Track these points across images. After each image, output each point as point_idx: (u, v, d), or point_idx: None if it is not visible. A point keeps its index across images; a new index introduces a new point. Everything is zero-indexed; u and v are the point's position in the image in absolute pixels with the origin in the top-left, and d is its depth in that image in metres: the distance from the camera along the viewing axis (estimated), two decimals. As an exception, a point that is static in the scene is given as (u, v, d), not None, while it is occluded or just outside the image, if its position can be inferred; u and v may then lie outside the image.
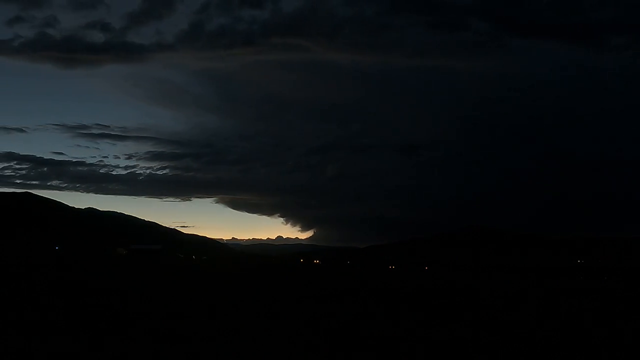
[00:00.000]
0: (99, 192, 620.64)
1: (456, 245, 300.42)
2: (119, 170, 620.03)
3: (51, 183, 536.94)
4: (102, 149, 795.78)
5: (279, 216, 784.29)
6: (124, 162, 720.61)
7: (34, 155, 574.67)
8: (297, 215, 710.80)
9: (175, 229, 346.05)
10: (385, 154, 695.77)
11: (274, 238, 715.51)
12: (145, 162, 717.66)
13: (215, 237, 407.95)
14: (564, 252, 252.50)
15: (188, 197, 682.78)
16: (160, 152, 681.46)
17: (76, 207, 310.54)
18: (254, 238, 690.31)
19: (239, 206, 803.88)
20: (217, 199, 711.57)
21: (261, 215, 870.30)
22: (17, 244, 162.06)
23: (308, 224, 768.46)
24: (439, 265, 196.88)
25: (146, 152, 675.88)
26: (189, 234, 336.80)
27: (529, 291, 54.34)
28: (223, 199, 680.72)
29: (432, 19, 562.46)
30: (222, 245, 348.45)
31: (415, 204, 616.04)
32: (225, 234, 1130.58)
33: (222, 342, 15.79)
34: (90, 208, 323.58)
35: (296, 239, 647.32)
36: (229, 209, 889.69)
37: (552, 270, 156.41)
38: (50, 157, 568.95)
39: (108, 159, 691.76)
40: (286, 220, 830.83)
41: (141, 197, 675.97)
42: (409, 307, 30.05)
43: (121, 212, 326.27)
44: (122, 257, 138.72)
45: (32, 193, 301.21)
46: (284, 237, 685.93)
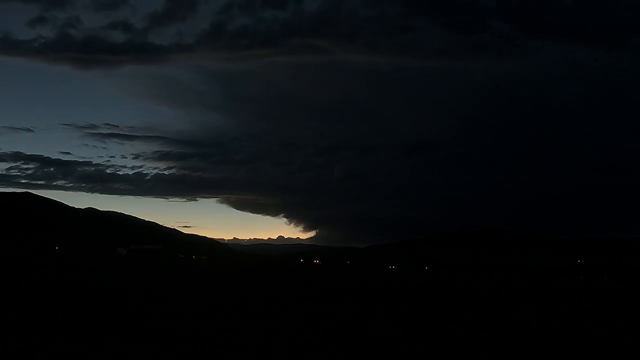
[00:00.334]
0: (104, 192, 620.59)
1: (456, 245, 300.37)
2: (125, 170, 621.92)
3: (57, 183, 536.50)
4: (110, 148, 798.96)
5: (283, 216, 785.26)
6: (130, 162, 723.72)
7: (41, 155, 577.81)
8: (301, 216, 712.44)
9: (175, 228, 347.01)
10: (392, 154, 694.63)
11: (275, 238, 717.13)
12: (153, 162, 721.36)
13: (216, 237, 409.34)
14: (564, 252, 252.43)
15: (194, 197, 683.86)
16: (168, 151, 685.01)
17: (76, 207, 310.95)
18: (255, 238, 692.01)
19: (243, 206, 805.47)
20: (221, 199, 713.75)
21: (265, 215, 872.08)
22: (17, 244, 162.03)
23: (311, 224, 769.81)
24: (439, 265, 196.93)
25: (154, 151, 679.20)
26: (189, 234, 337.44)
27: (529, 291, 54.32)
28: (228, 199, 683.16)
29: (451, 20, 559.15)
30: (222, 245, 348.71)
31: (416, 203, 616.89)
32: (227, 234, 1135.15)
33: (221, 342, 15.79)
34: (90, 208, 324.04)
35: (297, 239, 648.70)
36: (232, 209, 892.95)
37: (552, 270, 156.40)
38: (57, 157, 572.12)
39: (115, 159, 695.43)
40: (289, 220, 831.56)
41: (147, 197, 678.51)
42: (409, 307, 30.03)
43: (126, 212, 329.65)
44: (122, 257, 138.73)
45: (32, 193, 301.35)
46: (285, 237, 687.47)
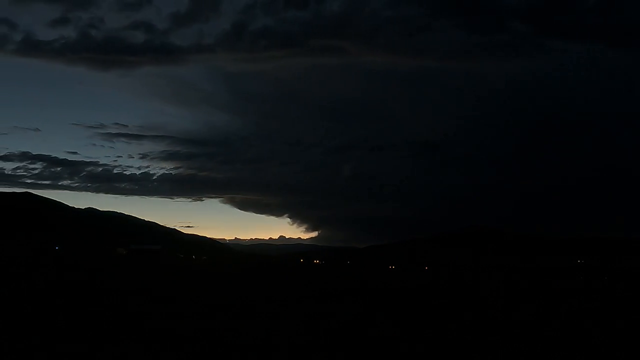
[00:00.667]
0: (110, 192, 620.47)
1: (456, 245, 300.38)
2: (132, 170, 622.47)
3: (62, 183, 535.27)
4: (118, 148, 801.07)
5: (287, 217, 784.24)
6: (137, 161, 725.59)
7: (49, 155, 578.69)
8: (305, 216, 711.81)
9: (176, 228, 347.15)
10: (399, 155, 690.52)
11: (276, 238, 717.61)
12: (160, 162, 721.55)
13: (218, 237, 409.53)
14: (564, 252, 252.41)
15: (200, 197, 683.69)
16: (176, 151, 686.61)
17: (76, 207, 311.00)
18: (255, 238, 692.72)
19: (247, 206, 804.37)
20: (224, 200, 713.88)
21: (269, 215, 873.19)
22: (17, 244, 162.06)
23: (315, 224, 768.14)
24: (439, 265, 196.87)
25: (161, 151, 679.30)
26: (189, 234, 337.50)
27: (529, 291, 54.32)
28: (233, 199, 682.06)
29: (470, 21, 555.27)
30: (222, 245, 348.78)
31: (416, 203, 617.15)
32: (229, 234, 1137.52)
33: (221, 342, 15.80)
34: (90, 208, 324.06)
35: (298, 239, 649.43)
36: (235, 209, 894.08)
37: (552, 270, 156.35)
38: (64, 157, 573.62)
39: (122, 159, 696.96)
40: (293, 220, 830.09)
41: (152, 197, 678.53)
42: (408, 307, 30.03)
43: (130, 212, 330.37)
44: (122, 257, 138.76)
45: (32, 193, 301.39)
46: (286, 237, 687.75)
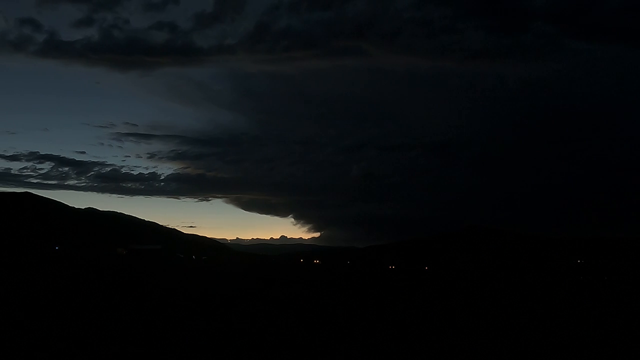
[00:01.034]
0: (116, 192, 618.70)
1: (456, 245, 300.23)
2: (139, 170, 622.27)
3: (69, 182, 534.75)
4: (126, 148, 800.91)
5: (292, 217, 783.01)
6: (145, 161, 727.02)
7: (58, 155, 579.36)
8: (310, 216, 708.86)
9: (176, 228, 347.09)
10: (408, 154, 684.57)
11: (278, 238, 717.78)
12: (168, 162, 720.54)
13: (219, 237, 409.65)
14: (564, 252, 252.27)
15: (207, 197, 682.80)
16: (184, 151, 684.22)
17: (76, 207, 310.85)
18: (256, 238, 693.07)
19: (252, 206, 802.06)
20: (228, 200, 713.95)
21: (273, 215, 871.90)
22: (16, 244, 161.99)
23: (320, 224, 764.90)
24: (439, 265, 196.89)
25: (170, 150, 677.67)
26: (189, 234, 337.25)
27: (529, 291, 54.33)
28: (238, 199, 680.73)
29: (494, 22, 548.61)
30: (222, 245, 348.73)
31: (416, 203, 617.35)
32: (232, 234, 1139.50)
33: (220, 342, 15.81)
34: (90, 208, 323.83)
35: (299, 239, 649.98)
36: (239, 209, 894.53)
37: (552, 270, 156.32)
38: (72, 157, 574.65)
39: (130, 159, 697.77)
40: (298, 220, 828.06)
41: (159, 197, 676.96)
42: (408, 307, 30.03)
43: (135, 212, 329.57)
44: (122, 257, 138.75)
45: (32, 193, 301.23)
46: (288, 237, 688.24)
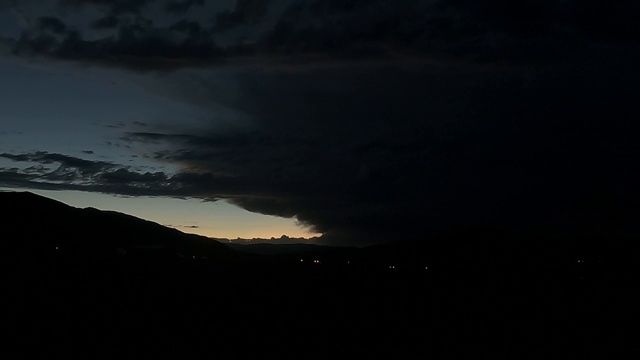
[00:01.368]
0: (122, 192, 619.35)
1: (456, 245, 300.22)
2: (146, 170, 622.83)
3: (74, 182, 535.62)
4: (134, 147, 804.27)
5: (296, 217, 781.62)
6: (152, 161, 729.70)
7: (65, 154, 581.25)
8: (314, 216, 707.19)
9: (176, 228, 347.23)
10: (421, 154, 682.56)
11: (279, 238, 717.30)
12: (176, 162, 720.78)
13: (220, 237, 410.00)
14: (564, 252, 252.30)
15: (213, 197, 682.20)
16: (192, 151, 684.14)
17: (76, 207, 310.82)
18: (257, 238, 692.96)
19: (256, 206, 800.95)
20: (231, 200, 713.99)
21: (277, 216, 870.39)
22: (16, 244, 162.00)
23: (324, 225, 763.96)
24: (439, 265, 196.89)
25: (177, 150, 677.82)
26: (189, 234, 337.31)
27: (529, 291, 54.33)
28: (243, 199, 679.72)
29: (514, 23, 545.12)
30: (222, 245, 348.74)
31: (416, 203, 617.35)
32: (233, 234, 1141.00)
33: (219, 341, 15.81)
34: (90, 208, 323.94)
35: (300, 239, 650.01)
36: (243, 209, 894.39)
37: (552, 270, 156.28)
38: (80, 157, 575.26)
39: (137, 158, 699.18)
40: (301, 221, 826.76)
41: (164, 197, 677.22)
42: (408, 307, 30.04)
43: (138, 213, 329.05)
44: (122, 257, 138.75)
45: (32, 193, 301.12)
46: (289, 237, 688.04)
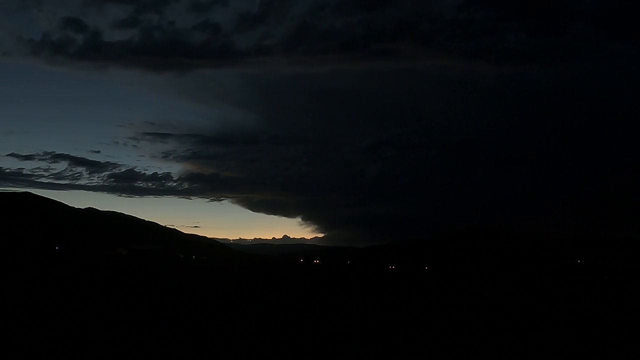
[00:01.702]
0: (127, 192, 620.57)
1: (456, 245, 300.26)
2: (153, 169, 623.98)
3: (80, 182, 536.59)
4: (142, 147, 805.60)
5: (300, 217, 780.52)
6: (159, 161, 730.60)
7: (73, 155, 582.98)
8: (319, 216, 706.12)
9: (176, 228, 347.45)
10: (428, 154, 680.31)
11: (280, 237, 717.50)
12: (183, 161, 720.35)
13: (221, 237, 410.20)
14: (564, 252, 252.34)
15: (219, 197, 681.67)
16: (200, 150, 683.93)
17: (76, 207, 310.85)
18: (258, 238, 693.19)
19: (260, 207, 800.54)
20: (236, 200, 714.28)
21: (281, 216, 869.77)
22: (16, 244, 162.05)
23: (327, 225, 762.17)
24: (439, 265, 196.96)
25: (186, 150, 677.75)
26: (189, 234, 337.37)
27: (529, 291, 54.34)
28: (248, 199, 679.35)
29: (534, 24, 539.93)
30: (222, 245, 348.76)
31: (416, 203, 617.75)
32: (235, 234, 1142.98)
33: (219, 342, 15.82)
34: (90, 208, 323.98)
35: (301, 239, 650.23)
36: (247, 209, 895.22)
37: (552, 270, 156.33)
38: (86, 157, 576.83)
39: (144, 158, 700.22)
40: (305, 221, 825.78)
41: (170, 197, 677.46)
42: (408, 307, 30.03)
43: (140, 213, 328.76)
44: (122, 257, 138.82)
45: (32, 193, 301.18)
46: (290, 237, 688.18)
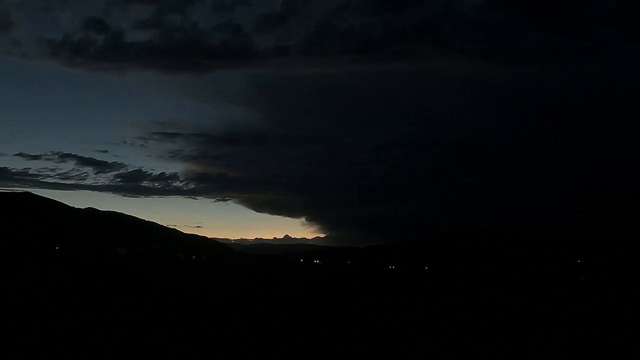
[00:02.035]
0: (132, 192, 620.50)
1: (456, 245, 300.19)
2: (160, 169, 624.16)
3: (86, 182, 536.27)
4: (149, 147, 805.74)
5: (304, 217, 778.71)
6: (166, 161, 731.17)
7: (79, 154, 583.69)
8: (323, 216, 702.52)
9: (176, 228, 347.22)
10: (432, 155, 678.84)
11: (282, 237, 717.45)
12: (190, 161, 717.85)
13: (222, 237, 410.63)
14: (564, 252, 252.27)
15: (224, 197, 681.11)
16: (207, 150, 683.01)
17: (76, 207, 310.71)
18: (259, 238, 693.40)
19: (264, 207, 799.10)
20: (240, 200, 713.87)
21: (285, 216, 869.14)
22: (16, 244, 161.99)
23: (330, 225, 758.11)
24: (439, 265, 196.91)
25: (193, 149, 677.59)
26: (189, 234, 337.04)
27: (529, 291, 54.35)
28: (253, 199, 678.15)
29: (552, 24, 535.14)
30: (222, 245, 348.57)
31: (416, 203, 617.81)
32: (237, 234, 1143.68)
33: (219, 341, 15.83)
34: (90, 208, 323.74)
35: (302, 239, 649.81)
36: (250, 210, 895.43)
37: (552, 270, 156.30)
38: (94, 157, 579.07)
39: (151, 158, 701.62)
40: (309, 221, 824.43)
41: (175, 196, 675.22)
42: (408, 307, 30.04)
43: (142, 213, 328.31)
44: (122, 257, 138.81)
45: (32, 193, 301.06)
46: (291, 237, 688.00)
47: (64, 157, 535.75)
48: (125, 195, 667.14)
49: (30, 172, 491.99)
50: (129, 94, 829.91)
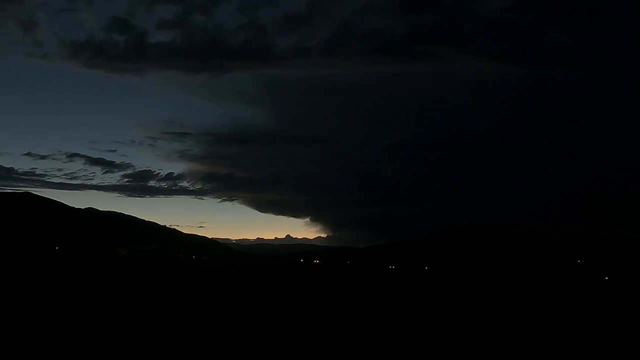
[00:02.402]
0: (137, 192, 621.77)
1: (456, 245, 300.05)
2: (167, 170, 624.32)
3: (92, 182, 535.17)
4: (158, 146, 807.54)
5: (309, 218, 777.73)
6: (172, 161, 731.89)
7: (88, 155, 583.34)
8: (326, 217, 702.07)
9: (176, 229, 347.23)
10: (435, 155, 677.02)
11: (283, 237, 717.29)
12: (197, 161, 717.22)
13: (223, 237, 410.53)
14: (564, 252, 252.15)
15: (230, 197, 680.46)
16: (214, 150, 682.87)
17: (76, 207, 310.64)
18: (259, 238, 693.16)
19: (269, 207, 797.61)
20: (244, 200, 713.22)
21: (289, 216, 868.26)
22: (16, 244, 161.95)
23: (334, 225, 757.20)
24: (439, 265, 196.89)
25: (201, 149, 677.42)
26: (189, 234, 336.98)
27: (529, 291, 54.34)
28: (258, 200, 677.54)
29: (574, 24, 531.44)
30: (222, 245, 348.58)
31: (415, 203, 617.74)
32: (238, 234, 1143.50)
33: (219, 341, 15.81)
34: (90, 208, 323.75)
35: (303, 239, 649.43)
36: (254, 210, 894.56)
37: (552, 270, 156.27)
38: (102, 157, 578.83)
39: (159, 158, 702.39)
40: (313, 221, 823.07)
41: (180, 196, 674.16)
42: (408, 307, 30.03)
43: (144, 213, 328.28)
44: (122, 257, 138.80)
45: (32, 193, 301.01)
46: (292, 237, 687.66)
47: (72, 156, 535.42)
48: (131, 196, 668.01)
49: (37, 172, 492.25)
50: (145, 94, 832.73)
